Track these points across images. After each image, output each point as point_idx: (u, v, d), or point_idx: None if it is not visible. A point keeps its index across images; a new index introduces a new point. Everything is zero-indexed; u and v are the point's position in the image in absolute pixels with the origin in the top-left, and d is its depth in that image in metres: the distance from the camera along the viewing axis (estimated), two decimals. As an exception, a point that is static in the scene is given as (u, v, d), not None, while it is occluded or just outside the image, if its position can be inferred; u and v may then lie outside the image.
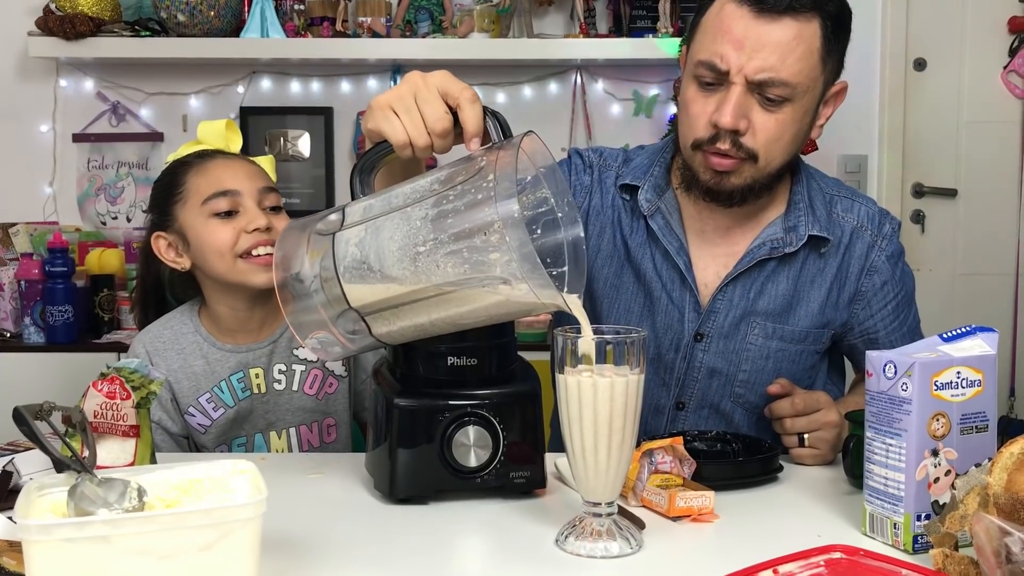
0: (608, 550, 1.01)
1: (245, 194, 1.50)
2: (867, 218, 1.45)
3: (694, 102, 1.33)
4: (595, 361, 0.99)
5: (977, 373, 1.02)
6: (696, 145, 1.34)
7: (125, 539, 0.79)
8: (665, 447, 1.21)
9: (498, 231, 0.96)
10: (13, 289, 2.79)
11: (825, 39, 1.31)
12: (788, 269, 1.42)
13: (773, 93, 1.29)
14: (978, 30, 3.30)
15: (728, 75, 1.28)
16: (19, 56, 3.10)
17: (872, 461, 1.05)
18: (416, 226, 1.03)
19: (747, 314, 1.42)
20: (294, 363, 1.57)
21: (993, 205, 3.34)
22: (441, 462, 1.16)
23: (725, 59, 1.28)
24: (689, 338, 1.44)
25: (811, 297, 1.43)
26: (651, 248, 1.46)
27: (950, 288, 3.36)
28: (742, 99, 1.29)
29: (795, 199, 1.43)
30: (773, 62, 1.27)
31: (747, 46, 1.27)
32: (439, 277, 1.01)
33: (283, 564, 0.99)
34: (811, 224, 1.41)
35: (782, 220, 1.42)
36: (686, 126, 1.36)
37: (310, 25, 3.04)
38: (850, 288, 1.44)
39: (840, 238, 1.43)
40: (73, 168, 3.19)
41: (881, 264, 1.44)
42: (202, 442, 1.55)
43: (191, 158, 1.57)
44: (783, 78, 1.28)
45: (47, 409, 0.99)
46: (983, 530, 0.82)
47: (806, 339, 1.44)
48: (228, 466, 0.94)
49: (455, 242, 1.00)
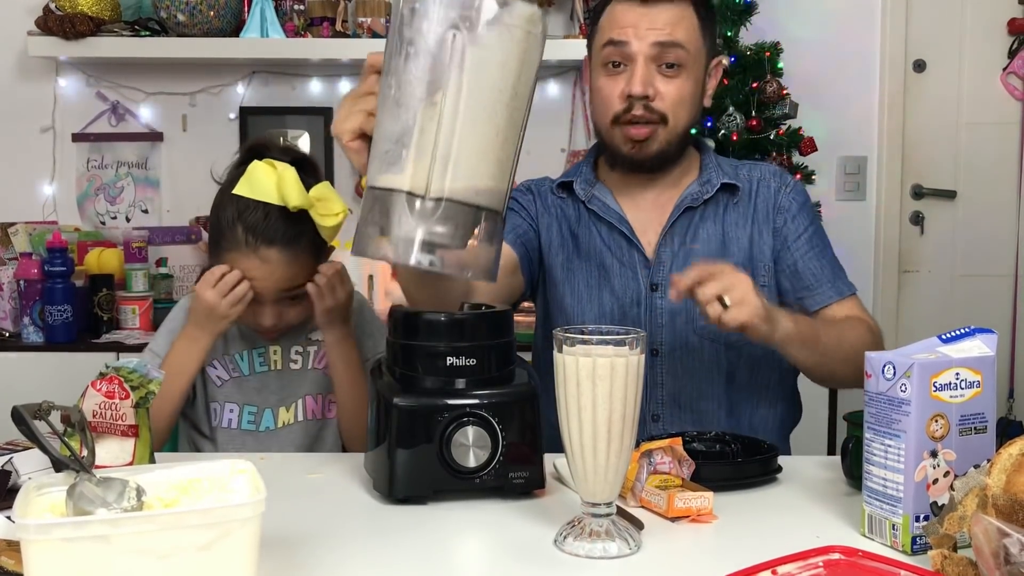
0: (607, 550, 1.01)
1: (265, 295, 1.54)
2: (769, 172, 1.66)
3: (604, 85, 1.55)
4: None
5: (976, 374, 1.02)
6: (614, 120, 1.54)
7: (124, 539, 0.79)
8: (664, 448, 1.21)
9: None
10: (12, 289, 2.79)
11: (700, 18, 1.55)
12: (713, 215, 1.62)
13: (671, 58, 1.51)
14: (978, 32, 3.30)
15: (631, 49, 1.51)
16: (19, 55, 3.10)
17: (871, 462, 1.05)
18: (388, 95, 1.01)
19: (689, 257, 1.58)
20: (309, 346, 1.66)
21: (992, 206, 3.34)
22: (440, 462, 1.16)
23: (625, 34, 1.51)
24: (645, 290, 1.60)
25: (739, 235, 1.61)
26: (595, 226, 1.64)
27: (949, 289, 3.37)
28: (646, 70, 1.51)
29: (705, 163, 1.66)
30: (666, 29, 1.51)
31: (642, 24, 1.51)
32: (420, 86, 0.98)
33: (282, 564, 0.99)
34: (721, 176, 1.62)
35: (697, 180, 1.64)
36: (601, 108, 1.57)
37: (310, 25, 3.04)
38: (768, 227, 1.62)
39: (748, 188, 1.64)
40: (72, 168, 3.19)
41: (788, 203, 1.63)
42: (214, 394, 1.62)
43: (241, 230, 1.53)
44: (677, 39, 1.51)
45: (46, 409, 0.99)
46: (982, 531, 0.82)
47: (744, 269, 1.50)
48: (227, 466, 0.95)
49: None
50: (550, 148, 3.17)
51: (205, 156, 3.14)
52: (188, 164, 3.18)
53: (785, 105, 2.95)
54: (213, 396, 1.63)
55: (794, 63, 3.09)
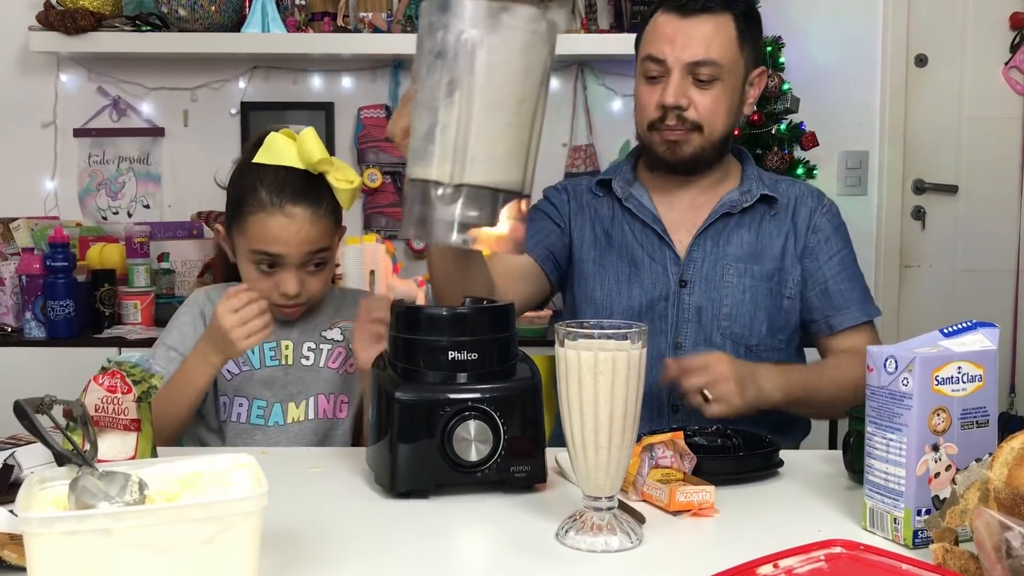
0: (608, 544, 1.01)
1: (290, 258, 1.55)
2: (807, 191, 1.73)
3: (644, 94, 1.64)
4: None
5: (978, 368, 1.02)
6: (651, 126, 1.64)
7: (126, 532, 0.79)
8: (665, 442, 1.21)
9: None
10: (14, 284, 2.79)
11: (739, 31, 1.61)
12: (748, 223, 1.69)
13: (704, 73, 1.59)
14: (979, 26, 3.29)
15: (666, 64, 1.59)
16: (20, 51, 3.10)
17: (872, 456, 1.05)
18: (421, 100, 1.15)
19: (720, 258, 1.67)
20: (322, 343, 1.66)
21: (994, 201, 3.34)
22: (442, 456, 1.16)
23: (663, 51, 1.59)
24: (675, 285, 1.66)
25: (772, 246, 1.68)
26: (628, 224, 1.72)
27: (950, 284, 3.36)
28: (680, 83, 1.59)
29: (747, 174, 1.73)
30: (701, 48, 1.58)
31: (678, 40, 1.59)
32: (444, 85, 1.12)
33: (283, 557, 0.99)
34: (761, 187, 1.69)
35: (738, 189, 1.71)
36: (640, 114, 1.66)
37: (311, 20, 3.03)
38: (800, 243, 1.68)
39: (787, 203, 1.71)
40: (74, 163, 3.19)
41: (824, 224, 1.70)
42: (223, 388, 1.61)
43: (264, 192, 1.55)
44: (711, 58, 1.58)
45: (48, 403, 0.99)
46: (983, 525, 0.82)
47: (773, 278, 1.67)
48: (229, 460, 0.95)
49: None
50: (551, 142, 3.17)
51: (206, 151, 3.15)
52: (189, 159, 3.18)
53: (786, 100, 2.94)
54: (223, 390, 1.63)
55: (795, 58, 3.08)
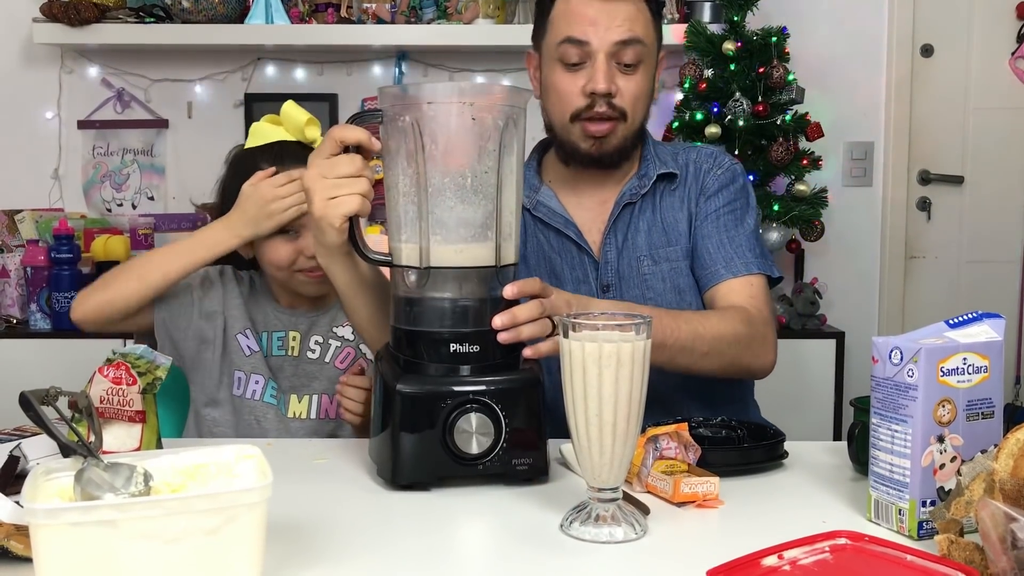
0: (613, 535, 1.01)
1: (308, 219, 1.54)
2: (706, 155, 1.65)
3: (562, 81, 1.52)
4: None
5: (983, 359, 1.02)
6: (574, 116, 1.52)
7: (131, 523, 0.79)
8: (670, 433, 1.21)
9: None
10: (19, 275, 2.80)
11: (652, 13, 1.55)
12: (650, 205, 1.61)
13: (630, 56, 1.50)
14: (986, 16, 3.28)
15: (591, 47, 1.49)
16: (24, 43, 3.10)
17: (877, 447, 1.05)
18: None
19: (632, 252, 1.59)
20: (331, 339, 1.66)
21: (1000, 192, 3.33)
22: (443, 448, 1.16)
23: (585, 33, 1.49)
24: (597, 291, 1.58)
25: (677, 220, 1.60)
26: (542, 234, 1.62)
27: (956, 275, 3.36)
28: (607, 68, 1.49)
29: (644, 155, 1.64)
30: (626, 27, 1.49)
31: (601, 22, 1.48)
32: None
33: (288, 549, 0.99)
34: (658, 167, 1.61)
35: (636, 174, 1.62)
36: (559, 105, 1.53)
37: (314, 11, 3.03)
38: (695, 210, 1.61)
39: (684, 174, 1.62)
40: (78, 155, 3.19)
41: (711, 183, 1.61)
42: (240, 363, 1.62)
43: (265, 165, 1.57)
44: (639, 36, 1.50)
45: (53, 394, 0.99)
46: (988, 516, 0.82)
47: (687, 256, 1.60)
48: (234, 451, 0.95)
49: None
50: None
51: (210, 143, 3.15)
52: (193, 151, 3.18)
53: (792, 90, 2.94)
54: (239, 364, 1.62)
55: (801, 48, 3.07)
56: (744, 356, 1.47)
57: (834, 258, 3.29)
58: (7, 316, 2.81)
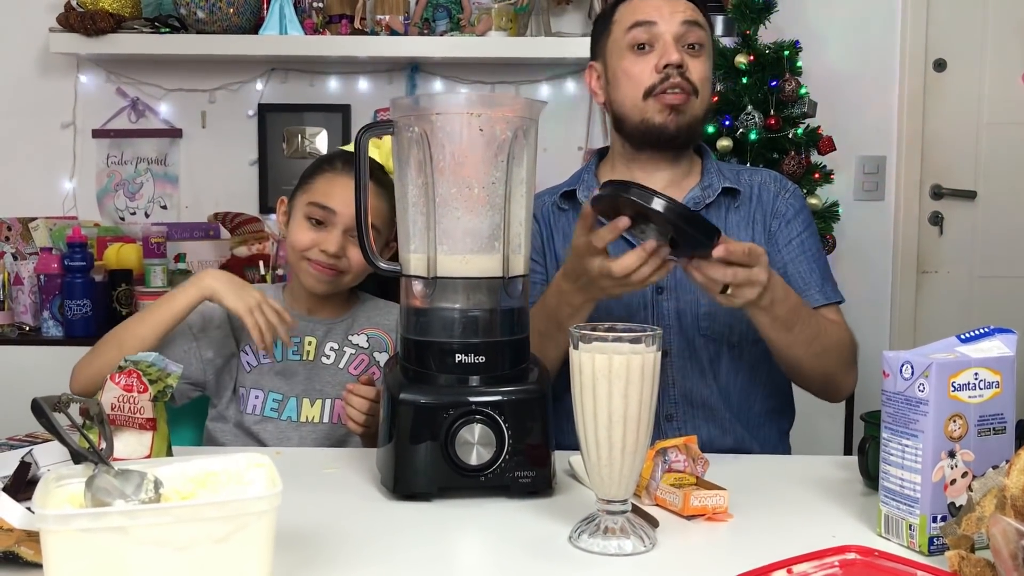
0: (622, 548, 1.01)
1: (340, 218, 1.60)
2: (769, 178, 1.69)
3: (634, 65, 1.58)
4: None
5: (995, 374, 1.01)
6: (647, 93, 1.56)
7: (141, 530, 0.79)
8: (679, 446, 1.21)
9: None
10: (32, 283, 2.81)
11: (705, 16, 1.62)
12: (715, 218, 1.62)
13: (695, 37, 1.57)
14: (999, 31, 3.27)
15: (659, 28, 1.56)
16: (40, 52, 3.12)
17: (888, 462, 1.04)
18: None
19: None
20: (346, 346, 1.68)
21: (1012, 207, 3.32)
22: (445, 459, 1.16)
23: (651, 15, 1.56)
24: (652, 293, 1.60)
25: (739, 238, 1.60)
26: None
27: (968, 290, 3.34)
28: (675, 46, 1.55)
29: (707, 168, 1.67)
30: (690, 10, 1.58)
31: (666, 8, 1.57)
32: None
33: (296, 557, 0.99)
34: (722, 180, 1.64)
35: (699, 184, 1.65)
36: (631, 88, 1.58)
37: (328, 23, 3.04)
38: (765, 231, 1.64)
39: (748, 192, 1.66)
40: (92, 164, 3.21)
41: (784, 208, 1.65)
42: (242, 380, 1.65)
43: (338, 158, 1.67)
44: (701, 21, 1.59)
45: (65, 401, 1.00)
46: (1000, 532, 0.81)
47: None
48: (244, 459, 0.95)
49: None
50: (567, 146, 3.17)
51: (224, 153, 3.17)
52: (207, 160, 3.19)
53: (804, 104, 2.93)
54: (241, 382, 1.65)
55: (813, 62, 3.07)
56: (839, 373, 1.56)
57: (846, 272, 3.27)
58: (20, 323, 2.82)
